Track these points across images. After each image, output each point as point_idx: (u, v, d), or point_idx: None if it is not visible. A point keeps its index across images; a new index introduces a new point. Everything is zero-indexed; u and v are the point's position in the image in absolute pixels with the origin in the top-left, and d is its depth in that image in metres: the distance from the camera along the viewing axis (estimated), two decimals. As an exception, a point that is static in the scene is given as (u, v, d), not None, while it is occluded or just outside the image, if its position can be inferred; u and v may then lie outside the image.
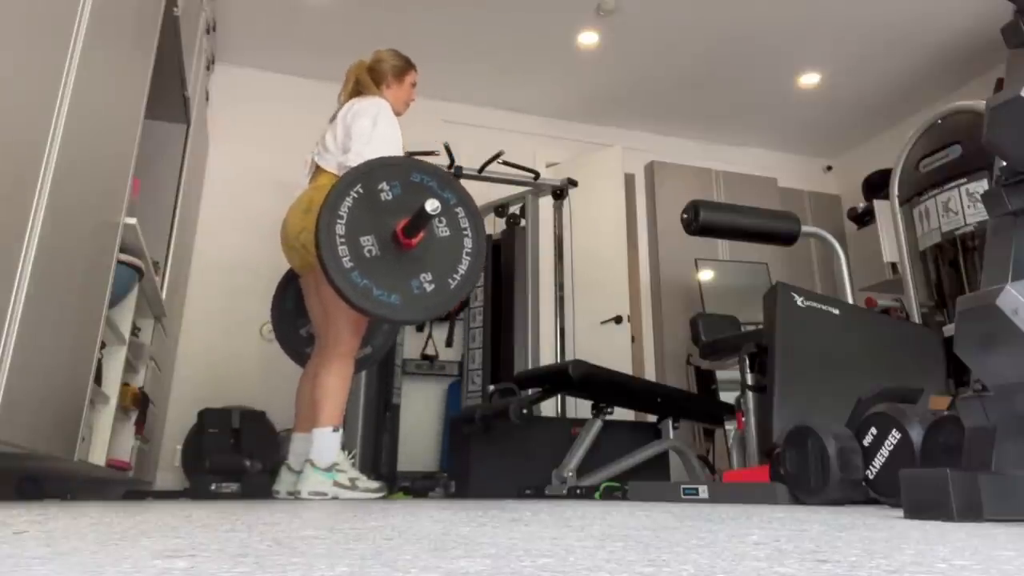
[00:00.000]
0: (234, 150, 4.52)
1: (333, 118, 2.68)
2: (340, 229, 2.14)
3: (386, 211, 2.24)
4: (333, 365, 2.42)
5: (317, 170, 2.62)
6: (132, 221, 2.13)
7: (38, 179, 1.35)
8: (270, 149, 4.58)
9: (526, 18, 4.20)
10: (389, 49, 2.87)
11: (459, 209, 2.37)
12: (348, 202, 2.18)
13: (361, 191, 2.21)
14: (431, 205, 2.12)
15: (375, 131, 2.48)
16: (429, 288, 2.24)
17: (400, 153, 2.51)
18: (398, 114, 2.73)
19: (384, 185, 2.26)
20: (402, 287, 2.20)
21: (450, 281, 2.29)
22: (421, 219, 2.18)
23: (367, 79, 2.71)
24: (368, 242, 2.18)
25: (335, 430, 2.36)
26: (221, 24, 4.22)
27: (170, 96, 3.09)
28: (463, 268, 2.32)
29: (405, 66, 2.82)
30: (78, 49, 1.50)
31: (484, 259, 2.38)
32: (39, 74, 1.33)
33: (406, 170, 2.32)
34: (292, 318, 2.98)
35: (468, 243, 2.35)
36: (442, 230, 2.32)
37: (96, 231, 1.78)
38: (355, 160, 2.37)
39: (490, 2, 4.06)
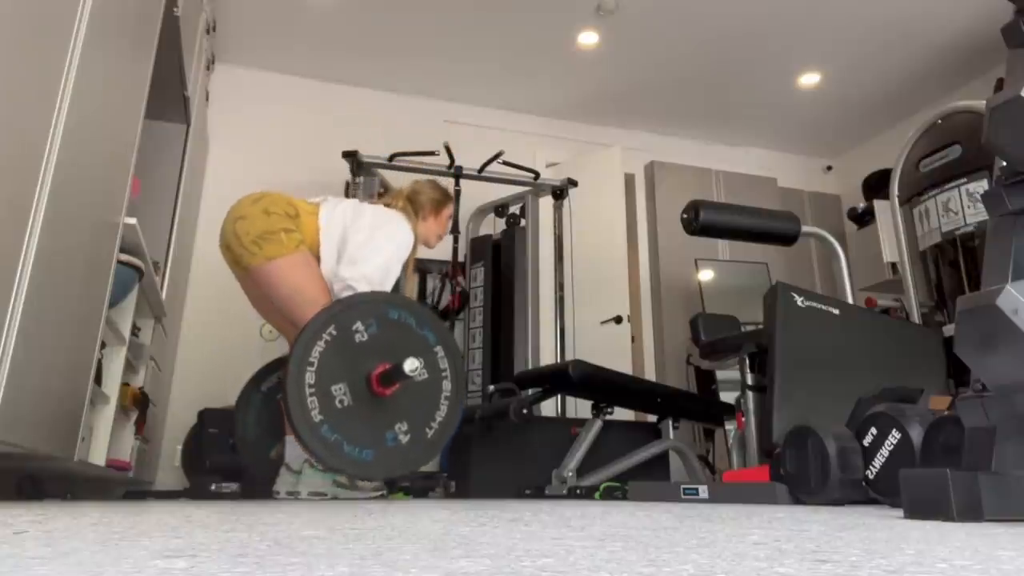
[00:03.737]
0: (234, 150, 4.52)
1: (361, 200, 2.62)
2: (311, 378, 2.00)
3: (361, 354, 2.10)
4: None
5: (313, 206, 2.50)
6: (132, 221, 2.13)
7: (38, 179, 1.35)
8: (270, 149, 4.58)
9: (526, 18, 4.20)
10: (429, 181, 2.80)
11: (438, 349, 2.24)
12: (320, 346, 2.04)
13: (334, 333, 2.08)
14: (409, 366, 2.01)
15: (390, 261, 2.40)
16: (404, 440, 2.13)
17: (397, 263, 2.42)
18: (427, 245, 2.72)
19: (359, 325, 2.12)
20: (375, 441, 2.07)
21: (427, 430, 2.17)
22: (397, 376, 2.08)
23: (409, 209, 2.65)
24: (340, 391, 2.05)
25: None
26: (221, 24, 4.22)
27: (170, 96, 3.09)
28: (441, 415, 2.20)
29: (443, 200, 2.76)
30: (78, 49, 1.50)
31: (463, 405, 2.26)
32: (39, 74, 1.33)
33: (382, 307, 2.20)
34: (259, 443, 2.72)
35: (447, 386, 2.23)
36: (420, 373, 2.15)
37: (96, 231, 1.78)
38: (358, 284, 2.28)
39: (490, 2, 4.06)
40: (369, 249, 2.37)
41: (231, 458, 3.57)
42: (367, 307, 2.16)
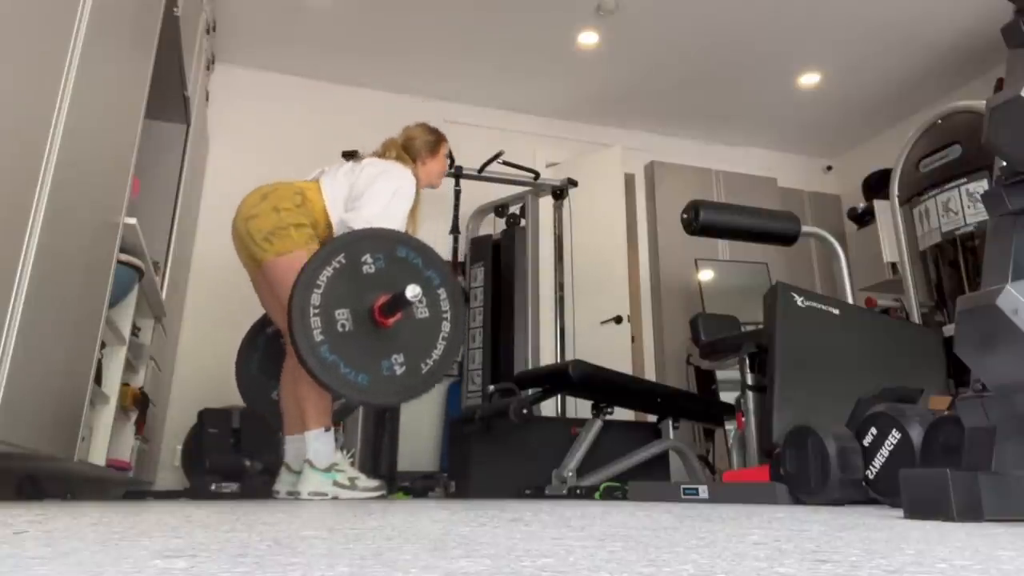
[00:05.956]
0: (234, 150, 4.52)
1: (354, 157, 2.62)
2: (316, 299, 2.06)
3: (366, 285, 2.16)
4: None
5: (313, 183, 2.55)
6: (132, 221, 2.13)
7: (38, 179, 1.35)
8: (270, 149, 4.57)
9: (526, 18, 4.20)
10: (418, 125, 2.80)
11: (441, 291, 2.28)
12: (328, 271, 2.09)
13: (343, 261, 2.13)
14: (411, 292, 2.05)
15: (390, 205, 2.42)
16: (400, 371, 2.16)
17: (400, 211, 2.44)
18: (433, 186, 2.72)
19: (368, 257, 2.18)
20: (372, 367, 2.11)
21: (423, 365, 2.20)
22: (399, 303, 2.10)
23: (405, 156, 2.66)
24: (343, 316, 2.10)
25: (327, 430, 2.36)
26: (221, 24, 4.22)
27: (170, 96, 3.09)
28: (437, 353, 2.23)
29: (437, 140, 2.77)
30: (78, 49, 1.50)
31: (460, 346, 2.29)
32: (39, 74, 1.33)
33: (392, 244, 2.24)
34: (261, 383, 2.84)
35: (446, 327, 2.27)
36: (421, 311, 2.21)
37: (96, 231, 1.78)
38: (357, 224, 2.32)
39: (490, 2, 4.06)
40: (368, 197, 2.42)
41: (231, 458, 3.57)
42: (377, 241, 2.23)
